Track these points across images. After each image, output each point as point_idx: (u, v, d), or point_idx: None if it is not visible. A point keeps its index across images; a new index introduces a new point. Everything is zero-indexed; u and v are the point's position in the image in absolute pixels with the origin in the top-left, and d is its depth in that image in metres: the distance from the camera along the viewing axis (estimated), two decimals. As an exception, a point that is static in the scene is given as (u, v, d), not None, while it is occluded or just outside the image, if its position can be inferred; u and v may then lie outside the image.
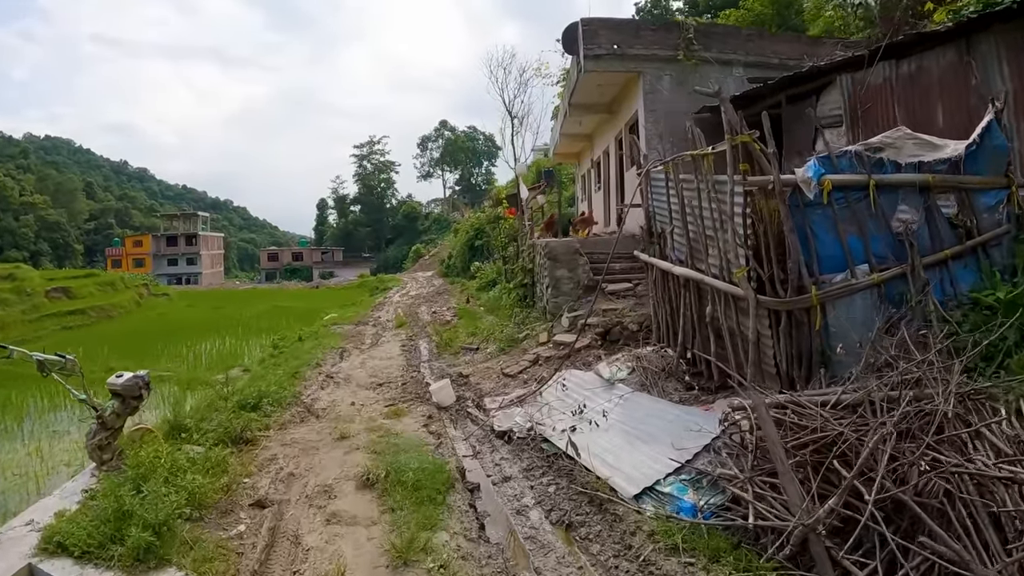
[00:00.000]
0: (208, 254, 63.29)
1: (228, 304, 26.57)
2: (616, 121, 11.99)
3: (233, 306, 24.79)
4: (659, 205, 6.82)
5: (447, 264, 28.50)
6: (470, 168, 68.25)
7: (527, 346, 9.17)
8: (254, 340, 13.99)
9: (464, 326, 13.47)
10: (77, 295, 25.14)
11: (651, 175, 7.04)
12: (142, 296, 29.10)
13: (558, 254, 9.60)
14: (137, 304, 27.30)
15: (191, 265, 60.77)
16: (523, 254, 12.53)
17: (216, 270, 64.15)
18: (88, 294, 25.77)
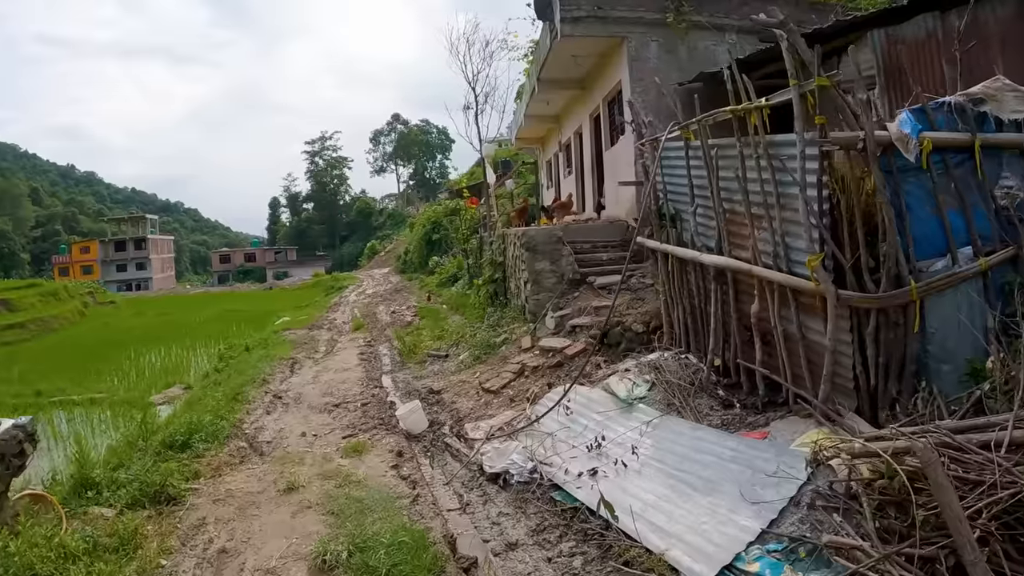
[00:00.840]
0: (158, 258, 60.89)
1: (177, 310, 25.07)
2: (590, 98, 10.77)
3: (182, 312, 23.38)
4: (674, 181, 5.60)
5: (404, 260, 27.91)
6: (424, 162, 67.29)
7: (507, 353, 7.79)
8: (202, 349, 12.78)
9: (428, 327, 11.98)
10: (18, 307, 22.99)
11: (660, 145, 5.80)
12: (87, 305, 27.41)
13: (538, 244, 8.26)
14: (81, 314, 25.34)
15: (141, 270, 58.65)
16: (491, 246, 11.11)
17: (167, 275, 61.95)
18: (29, 306, 23.53)
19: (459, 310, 12.83)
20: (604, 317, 7.09)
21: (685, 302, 5.57)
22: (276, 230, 74.51)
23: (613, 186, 9.80)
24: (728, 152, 4.53)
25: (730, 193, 4.63)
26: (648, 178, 6.30)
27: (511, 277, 9.93)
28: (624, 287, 7.84)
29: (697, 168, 5.12)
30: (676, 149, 5.52)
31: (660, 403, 4.96)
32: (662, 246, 5.81)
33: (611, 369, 6.22)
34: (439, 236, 21.36)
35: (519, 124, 14.51)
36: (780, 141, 3.98)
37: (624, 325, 6.67)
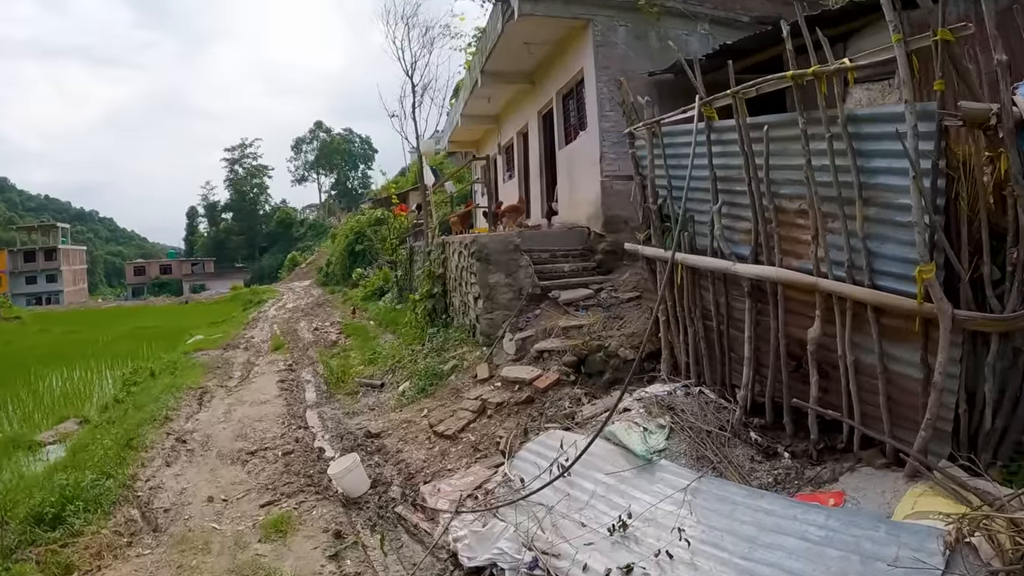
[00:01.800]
0: (70, 270, 55.89)
1: (86, 326, 22.46)
2: (540, 93, 9.74)
3: (91, 329, 21.00)
4: (683, 174, 4.58)
5: (326, 272, 26.62)
6: (346, 171, 66.13)
7: (459, 384, 6.34)
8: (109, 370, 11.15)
9: (357, 349, 10.23)
10: (-89, 326, 18.39)
11: (662, 132, 4.78)
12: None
13: (491, 254, 6.95)
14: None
15: (51, 283, 53.86)
16: (429, 256, 9.60)
17: (79, 287, 57.13)
18: (-77, 323, 19.42)
19: (390, 327, 11.14)
20: (577, 340, 5.92)
21: (698, 323, 4.55)
22: (194, 241, 70.98)
23: (569, 189, 8.78)
24: (783, 132, 3.55)
25: (777, 186, 3.65)
26: (639, 172, 5.27)
27: (454, 291, 8.50)
28: (593, 302, 6.76)
29: (725, 155, 4.13)
30: (685, 135, 4.51)
31: (687, 456, 3.82)
32: (665, 254, 4.75)
33: (596, 406, 5.05)
34: (363, 247, 20.25)
35: (454, 125, 13.17)
36: (868, 115, 3.04)
37: (607, 350, 5.53)
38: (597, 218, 7.66)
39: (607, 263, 7.50)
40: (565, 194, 8.95)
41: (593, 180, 7.65)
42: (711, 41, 7.49)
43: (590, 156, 7.72)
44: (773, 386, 3.99)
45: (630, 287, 6.80)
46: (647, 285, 5.30)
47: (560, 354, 5.85)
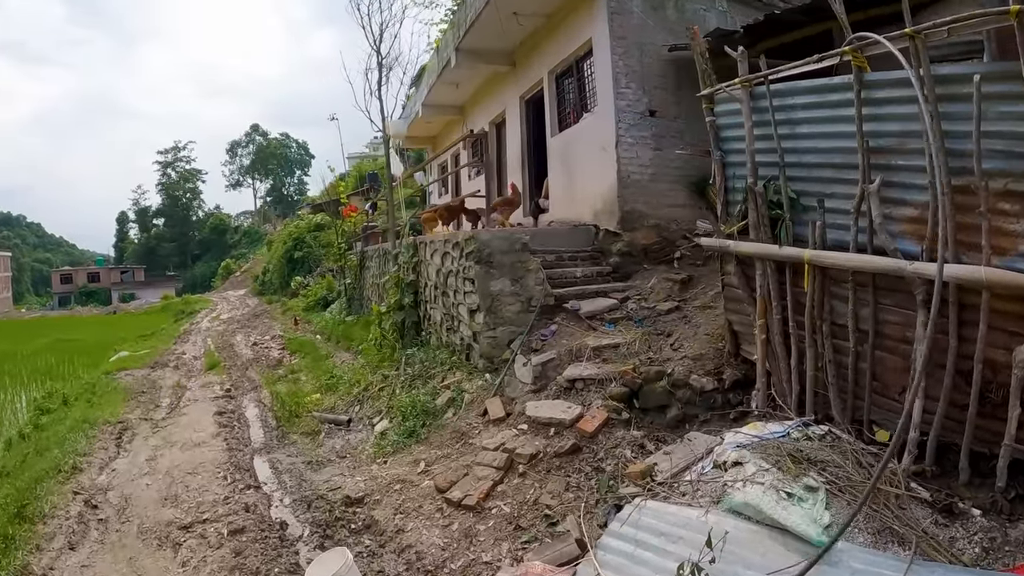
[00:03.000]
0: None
1: (5, 339, 20.08)
2: (524, 75, 8.45)
3: (10, 341, 18.74)
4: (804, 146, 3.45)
5: (262, 281, 24.54)
6: (282, 177, 64.17)
7: (463, 424, 4.84)
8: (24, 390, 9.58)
9: (308, 370, 8.41)
10: None
11: (770, 91, 3.64)
12: (-102, 336, 20.15)
13: (494, 255, 5.51)
14: None
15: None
16: (398, 260, 7.96)
17: (3, 296, 53.16)
18: None
19: (343, 344, 9.39)
20: (619, 365, 4.65)
21: (824, 342, 3.41)
22: (124, 247, 67.99)
23: (566, 181, 7.53)
24: (995, 88, 2.47)
25: (965, 159, 2.58)
26: (718, 146, 4.10)
27: (432, 302, 6.94)
28: (621, 315, 5.52)
29: (879, 119, 3.01)
30: (809, 94, 3.40)
31: (864, 531, 2.64)
32: (779, 251, 3.59)
33: (673, 456, 3.77)
34: (302, 254, 19.03)
35: (414, 116, 11.54)
36: None
37: (672, 378, 4.29)
38: (610, 214, 6.45)
39: (624, 267, 6.32)
40: (560, 188, 7.69)
41: (605, 169, 6.45)
42: (728, 20, 6.57)
43: (600, 141, 6.51)
44: (943, 422, 2.92)
45: (662, 296, 5.64)
46: (733, 293, 4.13)
47: (601, 384, 4.53)
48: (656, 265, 6.26)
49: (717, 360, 4.35)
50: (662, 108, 6.41)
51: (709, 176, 6.62)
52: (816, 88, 3.46)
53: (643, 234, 6.35)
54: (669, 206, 6.46)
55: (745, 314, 4.09)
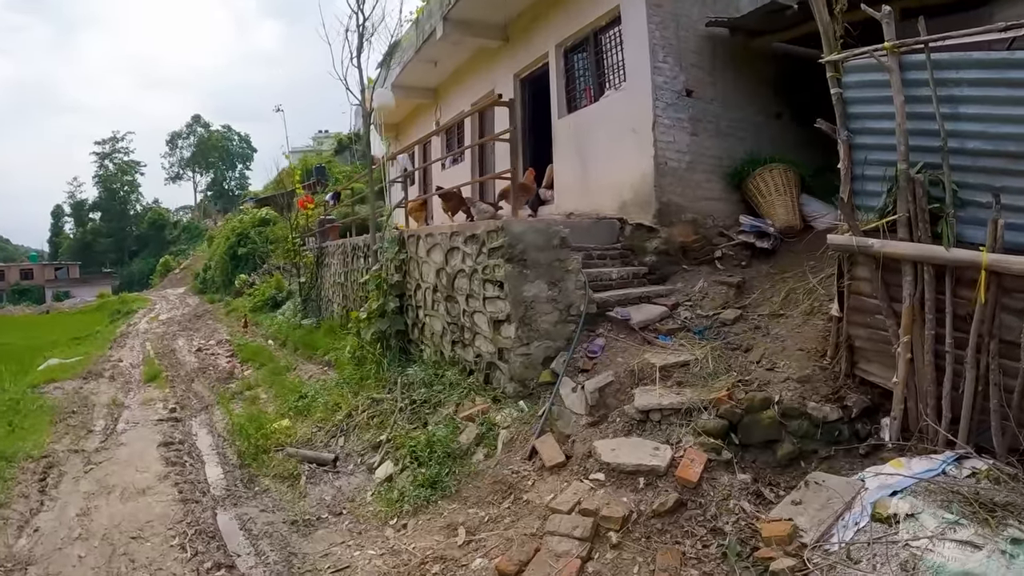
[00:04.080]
0: None
1: None
2: (522, 50, 7.31)
3: None
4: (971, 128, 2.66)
5: (203, 278, 23.16)
6: (223, 171, 61.29)
7: (505, 471, 3.68)
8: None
9: (267, 385, 7.08)
10: None
11: (931, 62, 2.81)
12: None
13: (528, 250, 4.37)
14: None
15: None
16: (381, 257, 6.57)
17: None
18: None
19: (303, 352, 8.02)
20: (701, 389, 3.69)
21: (990, 361, 2.63)
22: (59, 243, 63.01)
23: (578, 169, 6.51)
24: None
25: None
26: (846, 126, 3.24)
27: (429, 309, 5.67)
28: (676, 326, 4.59)
29: None
30: (981, 68, 2.60)
31: None
32: (944, 253, 2.76)
33: (805, 511, 2.87)
34: (246, 250, 17.92)
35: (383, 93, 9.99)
36: None
37: (782, 404, 3.39)
38: (643, 206, 5.51)
39: (660, 267, 5.40)
40: (570, 176, 6.65)
41: (637, 154, 5.49)
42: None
43: (631, 121, 5.55)
44: None
45: (718, 302, 4.77)
46: (863, 303, 3.27)
47: (686, 415, 3.55)
48: (697, 266, 5.41)
49: (830, 382, 3.51)
50: (698, 88, 5.57)
51: (743, 167, 5.90)
52: (993, 62, 2.69)
53: (680, 230, 5.46)
54: (705, 199, 5.63)
55: (876, 327, 3.27)
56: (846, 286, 3.34)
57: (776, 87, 6.04)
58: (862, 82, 3.20)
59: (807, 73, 6.41)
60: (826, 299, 4.24)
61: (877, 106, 3.14)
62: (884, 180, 3.14)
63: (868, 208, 3.24)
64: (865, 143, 3.22)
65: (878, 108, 3.14)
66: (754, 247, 5.26)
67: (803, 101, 6.27)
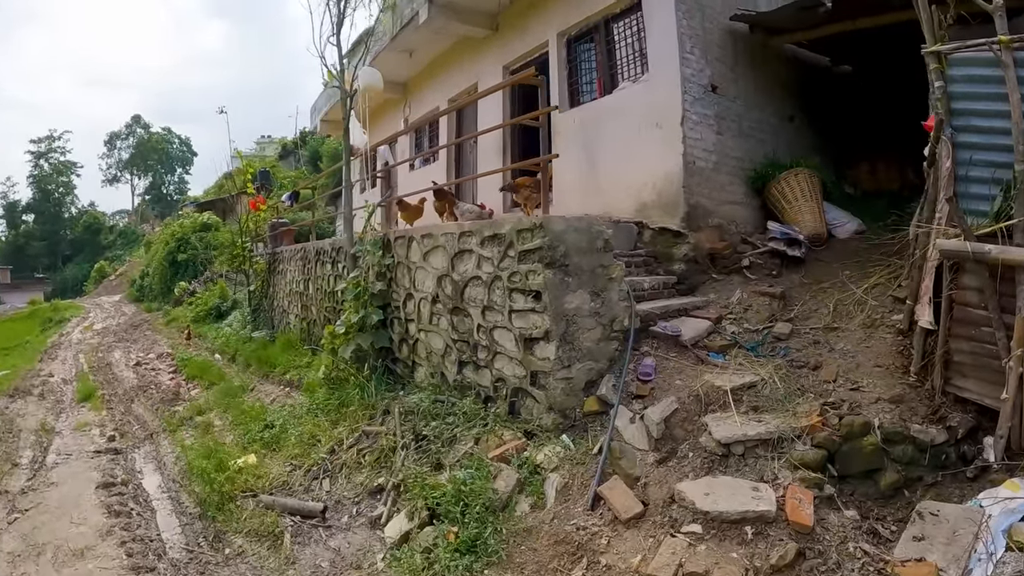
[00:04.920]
0: None
1: None
2: (516, 39, 6.78)
3: None
4: None
5: (140, 285, 22.64)
6: (162, 174, 60.15)
7: (571, 530, 3.06)
8: None
9: (220, 407, 6.28)
10: None
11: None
12: None
13: (571, 253, 3.83)
14: None
15: None
16: (361, 263, 5.72)
17: None
18: None
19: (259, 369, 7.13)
20: (782, 415, 3.33)
21: None
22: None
23: (585, 168, 6.07)
24: None
25: None
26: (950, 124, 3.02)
27: (425, 323, 4.94)
28: (726, 342, 4.24)
29: None
30: None
31: None
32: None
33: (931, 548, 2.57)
34: (186, 256, 17.59)
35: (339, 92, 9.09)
36: None
37: (883, 427, 3.08)
38: (668, 208, 5.16)
39: (689, 276, 5.06)
40: (575, 174, 6.20)
41: (661, 151, 5.15)
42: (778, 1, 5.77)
43: (654, 115, 5.20)
44: None
45: (764, 315, 4.48)
46: (969, 314, 3.03)
47: (774, 446, 3.15)
48: (726, 275, 5.12)
49: (925, 401, 3.26)
50: (722, 85, 5.34)
51: (765, 170, 5.76)
52: None
53: (707, 235, 5.17)
54: (729, 203, 5.39)
55: (981, 340, 3.05)
56: (950, 296, 3.11)
57: (789, 89, 5.99)
58: (970, 77, 3.00)
59: (816, 77, 6.50)
60: (884, 311, 4.08)
61: (986, 103, 2.95)
62: (992, 182, 2.95)
63: (973, 212, 3.03)
64: (971, 142, 3.02)
65: (986, 105, 2.95)
66: (784, 255, 5.07)
67: (813, 105, 6.30)
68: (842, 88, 6.36)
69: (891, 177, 5.90)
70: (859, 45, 5.65)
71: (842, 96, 6.32)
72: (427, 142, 8.92)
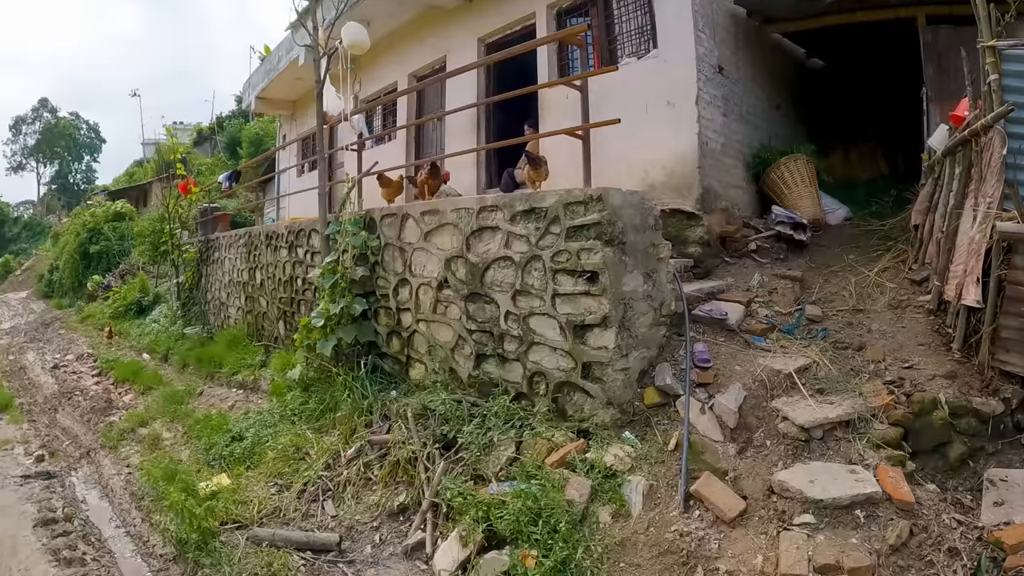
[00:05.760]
0: None
1: None
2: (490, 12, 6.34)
3: None
4: None
5: (49, 280, 22.20)
6: (69, 163, 56.18)
7: (673, 537, 2.86)
8: None
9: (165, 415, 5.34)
10: None
11: None
12: None
13: (628, 230, 3.63)
14: None
15: None
16: (337, 246, 5.03)
17: None
18: None
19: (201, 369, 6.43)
20: (849, 396, 3.44)
21: None
22: None
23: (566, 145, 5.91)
24: None
25: None
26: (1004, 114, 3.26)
27: (423, 311, 4.48)
28: (765, 325, 4.32)
29: None
30: None
31: None
32: None
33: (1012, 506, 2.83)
34: (99, 248, 17.19)
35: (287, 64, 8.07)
36: None
37: (950, 402, 3.28)
38: (681, 190, 5.17)
39: (704, 260, 5.11)
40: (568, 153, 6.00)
41: (674, 130, 5.14)
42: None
43: (665, 93, 5.17)
44: None
45: (790, 299, 4.63)
46: (1018, 292, 3.27)
47: (852, 428, 3.23)
48: (738, 259, 5.25)
49: (975, 376, 3.52)
50: (727, 67, 5.47)
51: (763, 154, 6.00)
52: None
53: (717, 218, 5.26)
54: (734, 186, 5.55)
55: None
56: (1000, 275, 3.38)
57: (776, 78, 6.32)
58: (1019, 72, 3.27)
59: (795, 68, 6.93)
60: (909, 292, 4.40)
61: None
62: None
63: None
64: (1020, 132, 3.31)
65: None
66: (791, 239, 5.31)
67: (794, 95, 6.72)
68: (817, 80, 6.87)
69: (864, 167, 6.47)
70: (834, 40, 6.11)
71: (817, 88, 6.82)
72: (380, 120, 8.24)
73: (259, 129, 20.94)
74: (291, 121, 10.99)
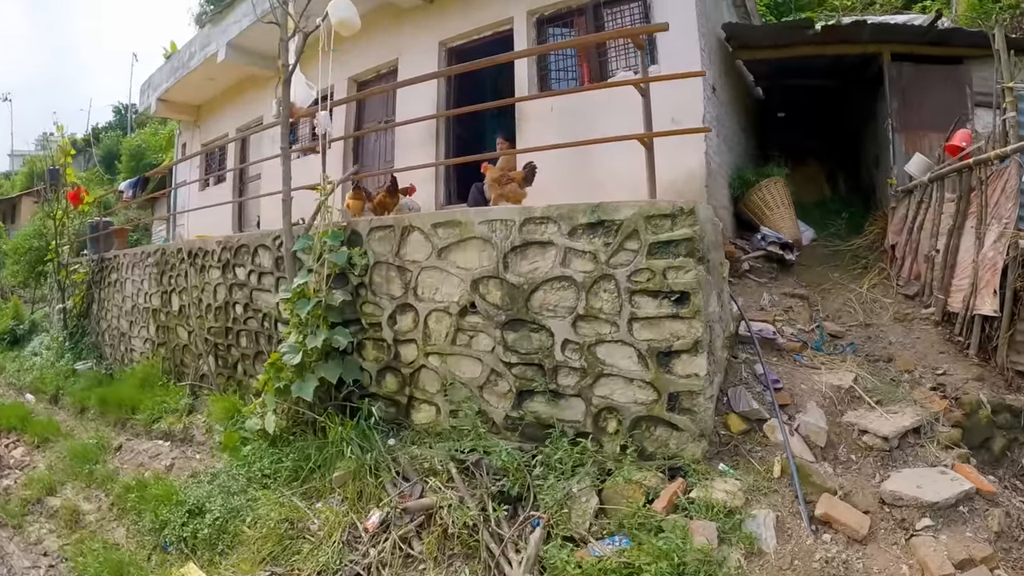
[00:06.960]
0: None
1: None
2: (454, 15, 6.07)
3: None
4: None
5: None
6: None
7: (814, 567, 2.88)
8: None
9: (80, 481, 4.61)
10: None
11: None
12: None
13: (711, 247, 3.69)
14: None
15: None
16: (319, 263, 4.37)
17: None
18: None
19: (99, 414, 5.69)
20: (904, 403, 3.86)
21: None
22: None
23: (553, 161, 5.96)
24: None
25: None
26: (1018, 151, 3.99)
27: (435, 342, 4.10)
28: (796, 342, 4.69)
29: None
30: None
31: None
32: None
33: None
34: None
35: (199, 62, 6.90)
36: None
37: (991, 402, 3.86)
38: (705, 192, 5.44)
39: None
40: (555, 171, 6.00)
41: (683, 148, 5.41)
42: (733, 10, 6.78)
43: (671, 111, 5.38)
44: None
45: (805, 316, 5.09)
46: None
47: (921, 433, 3.62)
48: (737, 278, 5.64)
49: (997, 376, 4.17)
50: (718, 88, 5.95)
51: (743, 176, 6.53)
52: None
53: (718, 239, 5.62)
54: (722, 207, 5.99)
55: None
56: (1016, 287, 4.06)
57: (742, 103, 7.02)
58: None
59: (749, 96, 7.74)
60: (910, 306, 5.07)
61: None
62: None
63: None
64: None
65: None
66: (780, 259, 5.86)
67: (752, 121, 7.52)
68: (766, 107, 7.79)
69: (809, 190, 7.44)
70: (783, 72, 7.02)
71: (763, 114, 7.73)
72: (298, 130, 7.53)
73: (140, 142, 19.73)
74: (194, 128, 9.86)
